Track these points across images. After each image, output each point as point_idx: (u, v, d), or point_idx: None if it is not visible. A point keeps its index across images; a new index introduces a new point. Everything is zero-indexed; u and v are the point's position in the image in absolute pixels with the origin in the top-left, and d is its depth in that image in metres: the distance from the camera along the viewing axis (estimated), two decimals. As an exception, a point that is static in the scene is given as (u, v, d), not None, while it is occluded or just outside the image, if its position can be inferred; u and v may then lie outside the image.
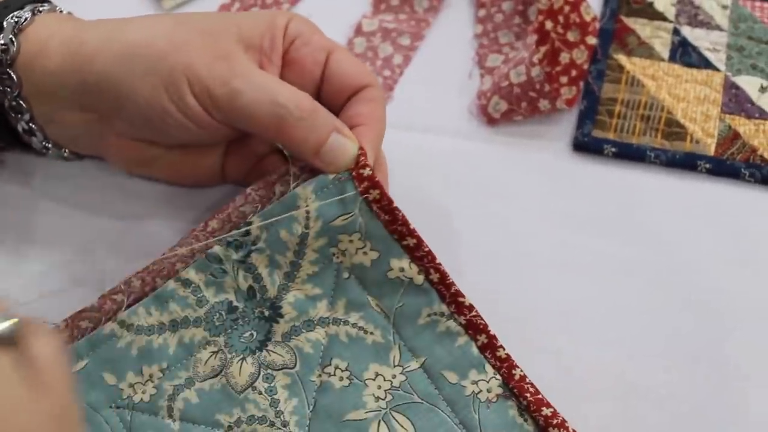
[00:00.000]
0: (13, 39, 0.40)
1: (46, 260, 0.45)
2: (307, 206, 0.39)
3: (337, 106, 0.42)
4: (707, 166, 0.47)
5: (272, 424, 0.39)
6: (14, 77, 0.41)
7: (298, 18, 0.43)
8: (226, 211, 0.41)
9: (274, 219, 0.39)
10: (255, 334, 0.41)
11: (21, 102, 0.41)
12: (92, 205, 0.47)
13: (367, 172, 0.39)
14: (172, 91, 0.39)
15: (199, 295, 0.40)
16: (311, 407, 0.40)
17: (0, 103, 0.42)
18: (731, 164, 0.47)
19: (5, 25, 0.41)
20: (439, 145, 0.49)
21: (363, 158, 0.39)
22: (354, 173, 0.39)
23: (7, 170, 0.48)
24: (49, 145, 0.44)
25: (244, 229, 0.40)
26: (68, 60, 0.40)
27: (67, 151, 0.45)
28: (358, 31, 0.54)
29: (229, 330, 0.41)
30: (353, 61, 0.43)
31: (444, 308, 0.40)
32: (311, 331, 0.41)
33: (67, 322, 0.40)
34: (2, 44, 0.40)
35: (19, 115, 0.42)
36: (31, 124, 0.42)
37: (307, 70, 0.42)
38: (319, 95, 0.43)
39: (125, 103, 0.40)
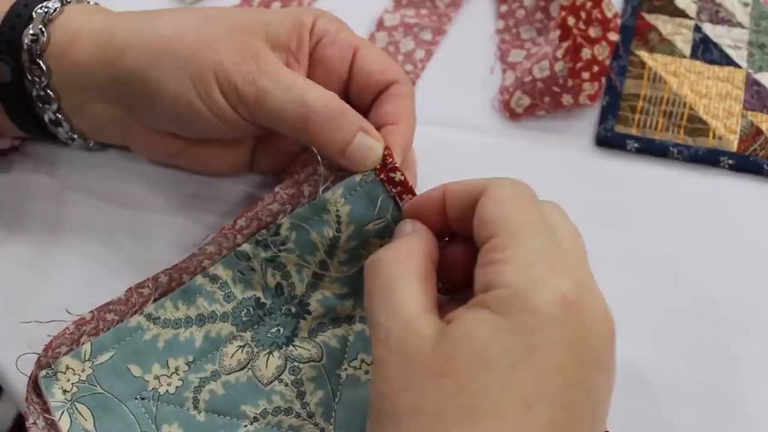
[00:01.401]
0: (43, 29, 0.41)
1: (72, 251, 0.45)
2: (337, 210, 0.39)
3: (365, 103, 0.42)
4: (730, 162, 0.47)
5: (298, 415, 0.39)
6: (44, 67, 0.41)
7: (324, 15, 0.43)
8: (255, 209, 0.40)
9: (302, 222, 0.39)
10: (282, 329, 0.41)
11: (49, 92, 0.41)
12: (118, 195, 0.47)
13: (398, 176, 0.39)
14: (200, 89, 0.39)
15: (226, 291, 0.41)
16: (337, 399, 0.40)
17: (28, 93, 0.42)
18: (754, 160, 0.47)
19: (35, 16, 0.41)
20: (461, 141, 0.49)
21: (390, 159, 0.39)
22: (383, 176, 0.39)
23: (31, 161, 0.48)
24: (75, 136, 0.44)
25: (273, 230, 0.40)
26: (98, 52, 0.40)
27: (92, 141, 0.45)
28: (380, 26, 0.55)
29: (256, 326, 0.41)
30: (380, 57, 0.43)
31: None
32: (338, 327, 0.41)
33: (93, 314, 0.40)
34: (32, 34, 0.41)
35: (47, 105, 0.42)
36: (58, 114, 0.43)
37: (334, 68, 0.42)
38: (347, 93, 0.43)
39: (154, 97, 0.40)
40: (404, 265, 0.33)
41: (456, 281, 0.36)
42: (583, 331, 0.30)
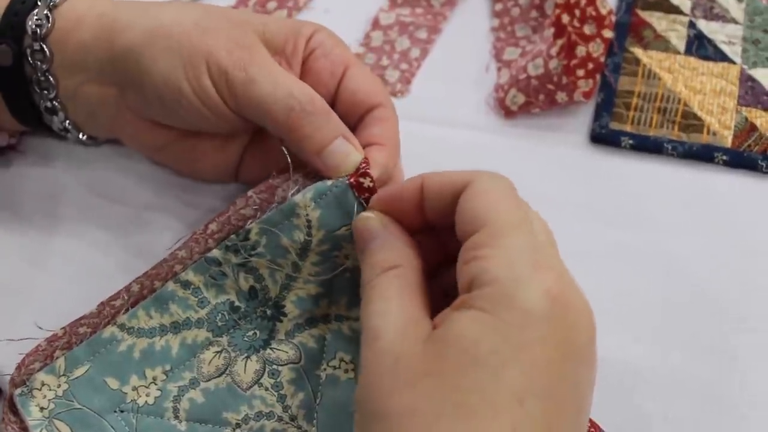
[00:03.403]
0: (48, 15, 0.42)
1: (67, 248, 0.45)
2: (307, 215, 0.38)
3: (349, 122, 0.42)
4: (724, 157, 0.48)
5: (280, 419, 0.39)
6: (47, 51, 0.42)
7: (323, 30, 0.43)
8: (227, 213, 0.40)
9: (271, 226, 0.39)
10: (258, 333, 0.40)
11: (50, 77, 0.43)
12: (113, 193, 0.47)
13: (367, 182, 0.38)
14: (189, 71, 0.40)
15: (200, 296, 0.40)
16: (318, 400, 0.39)
17: (27, 79, 0.43)
18: (748, 156, 0.47)
19: (39, 3, 0.42)
20: (456, 138, 0.50)
21: (364, 166, 0.39)
22: (353, 180, 0.38)
23: (27, 159, 0.48)
24: (69, 126, 0.45)
25: (242, 235, 0.39)
26: (100, 32, 0.41)
27: (84, 135, 0.46)
28: (376, 24, 0.55)
29: (232, 330, 0.40)
30: (369, 79, 0.43)
31: None
32: (314, 327, 0.41)
33: (65, 330, 0.39)
34: (37, 19, 0.42)
35: (45, 92, 0.43)
36: (54, 102, 0.43)
37: (323, 81, 0.42)
38: (332, 108, 0.43)
39: (143, 76, 0.40)
40: (402, 280, 0.33)
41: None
42: (568, 326, 0.30)
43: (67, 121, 0.45)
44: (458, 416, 0.29)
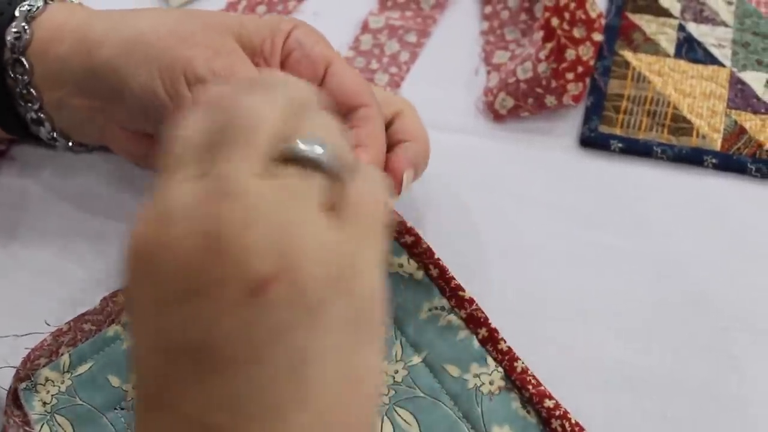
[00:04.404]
0: (26, 27, 0.41)
1: (57, 257, 0.45)
2: None
3: None
4: (713, 161, 0.47)
5: None
6: (26, 64, 0.41)
7: (302, 26, 0.42)
8: None
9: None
10: None
11: (32, 90, 0.42)
12: (104, 201, 0.47)
13: None
14: (166, 81, 0.39)
15: None
16: None
17: (10, 91, 0.42)
18: (737, 159, 0.47)
19: (17, 14, 0.42)
20: (445, 142, 0.49)
21: None
22: None
23: (17, 165, 0.48)
24: (56, 136, 0.44)
25: None
26: (76, 46, 0.41)
27: (72, 142, 0.46)
28: (365, 28, 0.55)
29: None
30: (351, 77, 0.42)
31: (444, 302, 0.41)
32: None
33: (70, 325, 0.40)
34: (15, 32, 0.41)
35: (29, 104, 0.43)
36: (40, 114, 0.43)
37: None
38: None
39: (123, 90, 0.40)
40: None
41: None
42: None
43: (54, 132, 0.44)
44: None
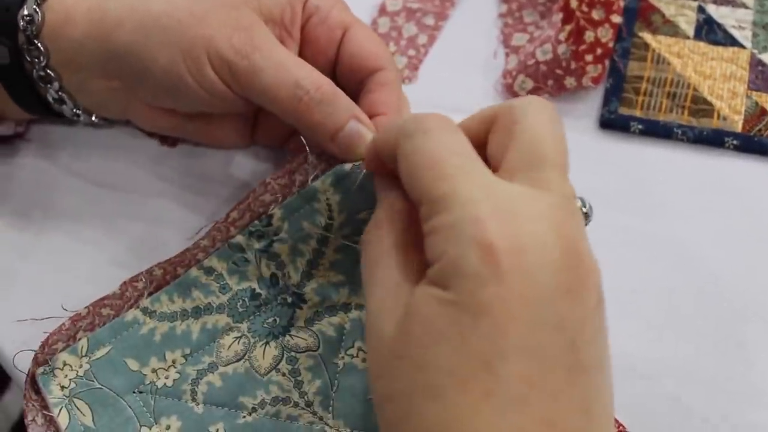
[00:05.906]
0: (37, 9, 0.41)
1: (74, 238, 0.45)
2: (327, 199, 0.39)
3: (351, 86, 0.42)
4: (734, 142, 0.47)
5: (296, 405, 0.39)
6: (41, 48, 0.41)
7: None
8: (247, 200, 0.40)
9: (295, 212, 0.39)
10: (278, 319, 0.41)
11: (50, 72, 0.42)
12: (121, 182, 0.47)
13: None
14: (190, 63, 0.39)
15: (222, 283, 0.41)
16: (335, 388, 0.40)
17: (28, 74, 0.42)
18: (759, 140, 0.47)
19: None
20: (464, 125, 0.49)
21: None
22: None
23: (34, 147, 0.48)
24: (80, 112, 0.44)
25: (265, 221, 0.40)
26: (92, 29, 0.40)
27: (96, 117, 0.45)
28: (383, 11, 0.54)
29: (252, 316, 0.41)
30: (369, 40, 0.42)
31: None
32: (334, 316, 0.41)
33: (89, 309, 0.40)
34: (26, 15, 0.41)
35: (49, 85, 0.42)
36: (61, 93, 0.43)
37: (322, 49, 0.42)
38: (334, 74, 0.43)
39: (145, 73, 0.40)
40: (385, 241, 0.32)
41: None
42: (524, 272, 0.28)
43: (77, 109, 0.44)
44: (428, 396, 0.28)
